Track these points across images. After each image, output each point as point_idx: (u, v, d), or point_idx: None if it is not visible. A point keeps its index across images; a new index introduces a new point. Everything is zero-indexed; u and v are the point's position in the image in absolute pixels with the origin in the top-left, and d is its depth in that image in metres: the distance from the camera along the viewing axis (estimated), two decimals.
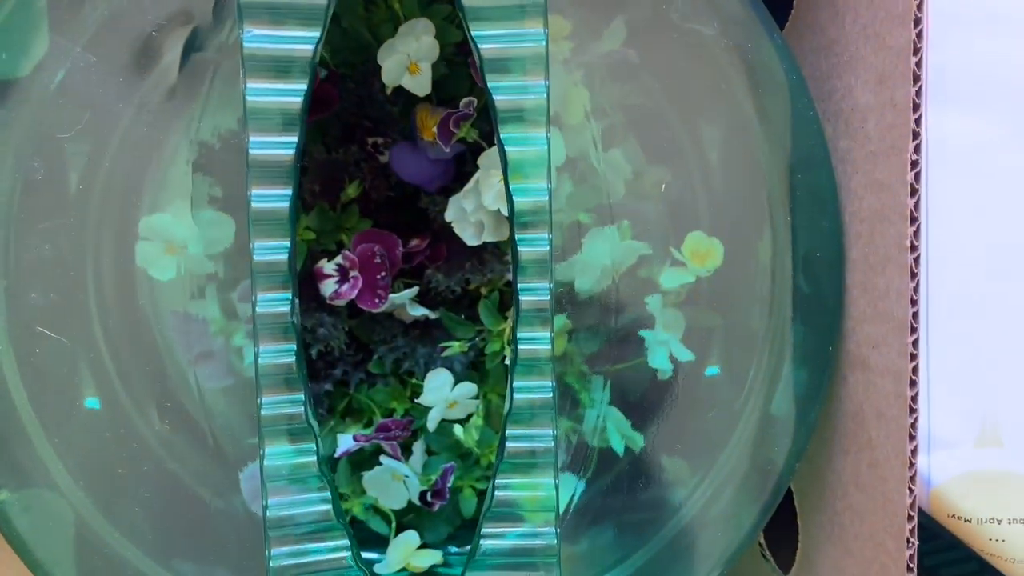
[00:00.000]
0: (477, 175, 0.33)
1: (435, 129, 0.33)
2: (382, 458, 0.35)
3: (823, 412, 0.34)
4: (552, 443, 0.27)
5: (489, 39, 0.24)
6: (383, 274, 0.35)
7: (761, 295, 0.32)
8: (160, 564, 0.29)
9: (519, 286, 0.26)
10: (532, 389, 0.27)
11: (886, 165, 0.28)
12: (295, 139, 0.23)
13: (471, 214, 0.34)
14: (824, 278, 0.32)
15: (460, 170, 0.37)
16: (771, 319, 0.33)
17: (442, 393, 0.35)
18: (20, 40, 0.30)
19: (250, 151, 0.23)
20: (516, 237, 0.26)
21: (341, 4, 0.36)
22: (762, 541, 0.42)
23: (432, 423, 0.35)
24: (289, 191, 0.23)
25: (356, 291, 0.35)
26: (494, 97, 0.24)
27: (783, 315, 0.32)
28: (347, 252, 0.35)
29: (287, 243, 0.24)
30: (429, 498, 0.35)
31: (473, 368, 0.38)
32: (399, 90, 0.35)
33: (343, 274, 0.35)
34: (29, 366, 0.29)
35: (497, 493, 0.26)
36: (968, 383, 0.30)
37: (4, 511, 0.28)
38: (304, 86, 0.24)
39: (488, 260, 0.36)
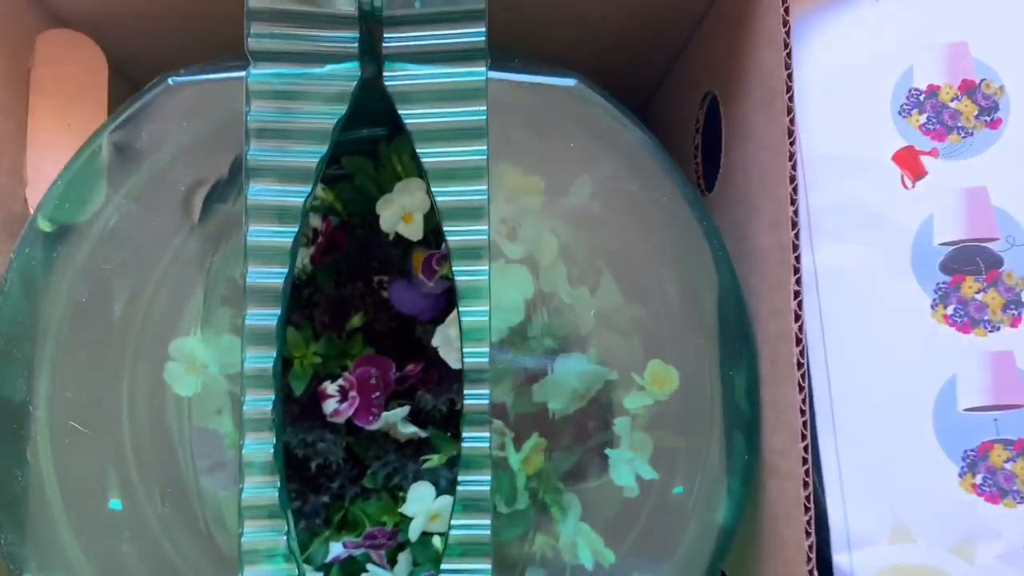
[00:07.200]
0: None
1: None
2: (369, 567, 0.38)
3: (750, 517, 0.37)
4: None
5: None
6: (377, 394, 0.39)
7: (705, 417, 0.36)
8: None
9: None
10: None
11: (780, 295, 0.33)
12: (286, 270, 0.30)
13: (455, 340, 0.39)
14: (745, 397, 0.36)
15: (450, 304, 0.42)
16: (712, 437, 0.36)
17: (424, 504, 0.38)
18: (83, 193, 0.36)
19: (247, 279, 0.29)
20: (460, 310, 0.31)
21: (353, 164, 0.42)
22: None
23: (414, 532, 0.38)
24: (278, 312, 0.29)
25: (353, 409, 0.39)
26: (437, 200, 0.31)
27: (719, 433, 0.36)
28: (348, 375, 0.40)
29: (275, 353, 0.29)
30: None
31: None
32: (399, 236, 0.41)
33: (343, 394, 0.39)
34: (63, 462, 0.34)
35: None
36: (876, 485, 0.33)
37: None
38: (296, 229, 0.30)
39: None
